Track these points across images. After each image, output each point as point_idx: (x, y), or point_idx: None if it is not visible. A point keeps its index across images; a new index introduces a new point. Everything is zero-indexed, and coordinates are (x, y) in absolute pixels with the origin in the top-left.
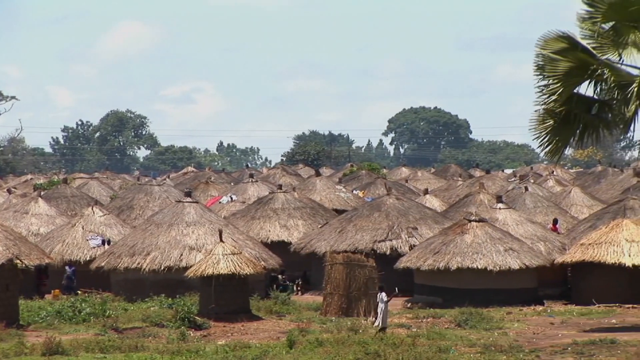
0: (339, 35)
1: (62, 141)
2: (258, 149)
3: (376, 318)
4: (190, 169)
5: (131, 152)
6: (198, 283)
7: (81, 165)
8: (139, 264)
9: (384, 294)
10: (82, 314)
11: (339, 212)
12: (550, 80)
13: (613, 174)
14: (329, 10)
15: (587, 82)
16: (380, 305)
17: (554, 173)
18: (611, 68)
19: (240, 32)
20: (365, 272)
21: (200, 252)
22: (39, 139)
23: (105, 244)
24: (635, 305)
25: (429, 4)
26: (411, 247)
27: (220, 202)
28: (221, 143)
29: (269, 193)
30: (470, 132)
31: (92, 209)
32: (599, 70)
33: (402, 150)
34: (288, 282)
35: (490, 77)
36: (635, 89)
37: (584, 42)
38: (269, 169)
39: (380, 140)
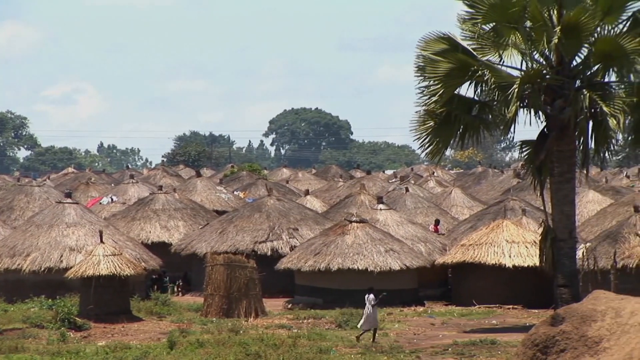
0: (220, 35)
1: None
2: (138, 150)
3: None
4: (70, 169)
5: (11, 153)
6: (78, 284)
7: None
8: (19, 265)
9: (372, 295)
10: None
11: (220, 213)
12: (431, 82)
13: (493, 175)
14: (210, 10)
15: (467, 83)
16: (368, 307)
17: (435, 174)
18: (492, 69)
19: (121, 32)
20: (245, 273)
21: (80, 253)
22: None
23: None
24: (515, 306)
25: (310, 5)
26: (292, 248)
27: (100, 203)
28: (101, 144)
29: (150, 194)
30: (351, 133)
31: None
32: (480, 72)
33: (283, 151)
34: (168, 283)
35: (371, 78)
36: (516, 90)
37: (465, 43)
38: (149, 170)
39: (261, 141)
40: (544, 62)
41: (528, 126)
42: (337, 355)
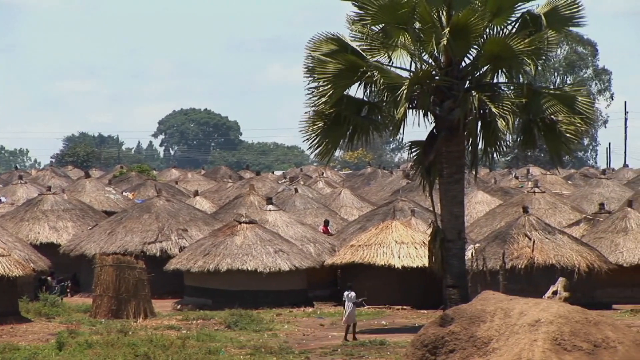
0: (109, 36)
1: None
2: (27, 151)
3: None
4: None
5: None
6: None
7: None
8: None
9: (353, 293)
10: None
11: (109, 213)
12: (321, 82)
13: (383, 176)
14: (100, 11)
15: (357, 84)
16: (348, 304)
17: (324, 175)
18: (381, 70)
19: (10, 32)
20: (134, 274)
21: None
22: None
23: None
24: (404, 307)
25: (198, 5)
26: (181, 249)
27: None
28: None
29: (38, 195)
30: (241, 134)
31: None
32: (369, 73)
33: (172, 152)
34: (56, 285)
35: (260, 78)
36: (405, 91)
37: (354, 44)
38: (38, 171)
39: (150, 142)
40: (433, 63)
41: (417, 127)
42: (226, 356)
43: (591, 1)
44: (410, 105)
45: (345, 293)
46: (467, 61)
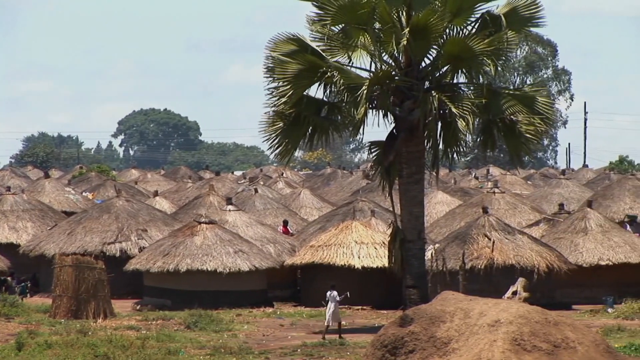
0: (69, 36)
1: None
2: None
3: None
4: None
5: None
6: None
7: None
8: None
9: (335, 292)
10: None
11: (69, 214)
12: (280, 83)
13: (342, 176)
14: (59, 9)
15: (317, 84)
16: (330, 304)
17: (284, 175)
18: (341, 70)
19: None
20: (94, 274)
21: None
22: None
23: None
24: (364, 307)
25: (158, 5)
26: (141, 249)
27: None
28: None
29: None
30: (200, 134)
31: None
32: (329, 73)
33: (131, 152)
34: (16, 285)
35: (220, 78)
36: (365, 92)
37: (314, 45)
38: None
39: (110, 142)
40: (393, 64)
41: (377, 127)
42: (186, 357)
43: (551, 2)
44: (370, 106)
45: (328, 293)
46: (427, 61)
